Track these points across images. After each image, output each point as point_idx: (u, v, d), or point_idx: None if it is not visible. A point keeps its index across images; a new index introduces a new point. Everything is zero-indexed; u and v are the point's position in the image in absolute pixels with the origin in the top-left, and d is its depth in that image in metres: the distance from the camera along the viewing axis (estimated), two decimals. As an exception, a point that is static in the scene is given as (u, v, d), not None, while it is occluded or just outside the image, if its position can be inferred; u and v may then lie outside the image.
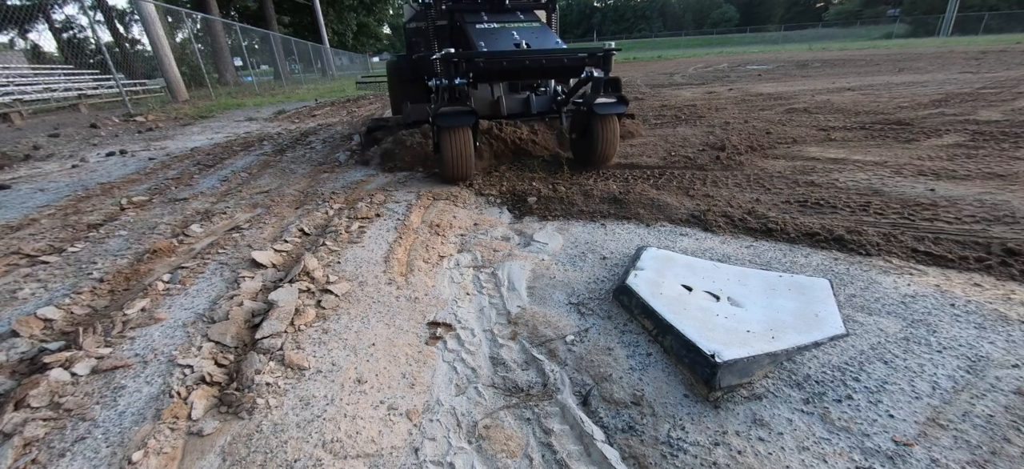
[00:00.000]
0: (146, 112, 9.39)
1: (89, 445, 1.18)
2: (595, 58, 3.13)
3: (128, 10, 23.17)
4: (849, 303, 1.56)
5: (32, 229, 2.84)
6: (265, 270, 2.10)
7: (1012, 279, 1.64)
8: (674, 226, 2.37)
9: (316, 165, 4.27)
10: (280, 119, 8.32)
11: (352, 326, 1.65)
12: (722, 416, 1.15)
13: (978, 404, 1.12)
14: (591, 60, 3.13)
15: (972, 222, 2.10)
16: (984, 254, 1.80)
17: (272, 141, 5.81)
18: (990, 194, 2.44)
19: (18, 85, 11.04)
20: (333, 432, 1.18)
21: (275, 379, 1.37)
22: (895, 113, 4.90)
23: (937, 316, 1.46)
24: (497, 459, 1.09)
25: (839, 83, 7.99)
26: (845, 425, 1.09)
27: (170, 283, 2.04)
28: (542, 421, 1.18)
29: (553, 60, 3.04)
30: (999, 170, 2.81)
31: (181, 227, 2.78)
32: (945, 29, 35.16)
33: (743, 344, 1.31)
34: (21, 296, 1.99)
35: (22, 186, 3.99)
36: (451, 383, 1.35)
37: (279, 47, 19.17)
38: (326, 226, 2.61)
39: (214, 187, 3.70)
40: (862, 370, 1.25)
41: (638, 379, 1.30)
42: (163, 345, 1.58)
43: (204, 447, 1.15)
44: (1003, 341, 1.32)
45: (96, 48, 13.10)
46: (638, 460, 1.06)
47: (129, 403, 1.32)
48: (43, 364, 1.47)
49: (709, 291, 1.62)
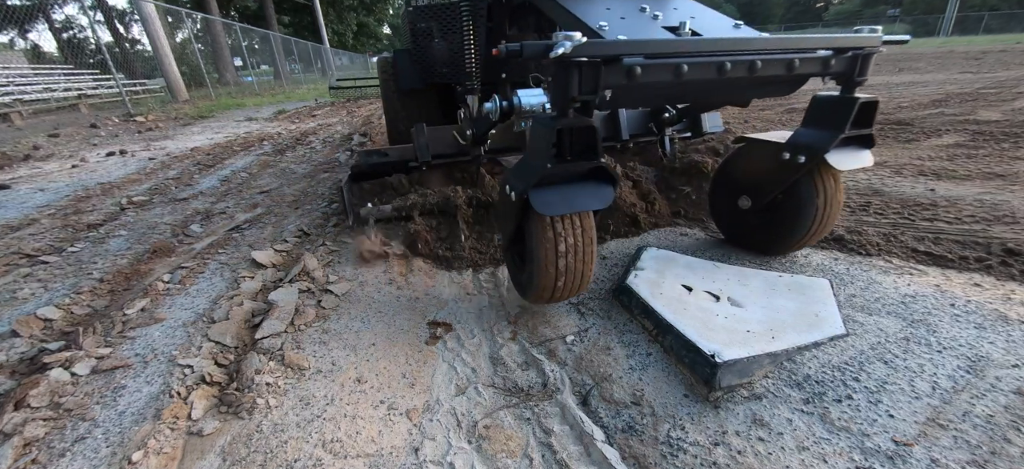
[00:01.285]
0: (146, 112, 9.39)
1: (89, 445, 1.18)
2: (843, 59, 1.49)
3: (128, 10, 23.18)
4: (849, 303, 1.56)
5: (32, 229, 2.84)
6: (265, 270, 2.10)
7: (1012, 279, 1.64)
8: (671, 226, 2.37)
9: (316, 165, 4.27)
10: (280, 119, 8.32)
11: (352, 326, 1.65)
12: (722, 416, 1.15)
13: (978, 404, 1.12)
14: (839, 62, 1.48)
15: (972, 222, 2.10)
16: (984, 254, 1.80)
17: (272, 141, 5.81)
18: (990, 194, 2.44)
19: (18, 85, 11.04)
20: (333, 432, 1.18)
21: (275, 379, 1.37)
22: (895, 113, 4.90)
23: (937, 316, 1.46)
24: (497, 459, 1.09)
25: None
26: (845, 425, 1.09)
27: (170, 283, 2.04)
28: (542, 421, 1.18)
29: (771, 64, 1.38)
30: (999, 170, 2.81)
31: (181, 227, 2.78)
32: (945, 29, 35.16)
33: (743, 344, 1.31)
34: (21, 296, 1.99)
35: (22, 186, 3.99)
36: (451, 383, 1.35)
37: (279, 47, 19.18)
38: (325, 225, 2.61)
39: (214, 187, 3.70)
40: (862, 370, 1.25)
41: (638, 379, 1.30)
42: (163, 345, 1.58)
43: (204, 447, 1.15)
44: (1003, 341, 1.32)
45: (96, 48, 13.11)
46: (638, 460, 1.06)
47: (129, 403, 1.32)
48: (43, 364, 1.47)
49: (709, 291, 1.62)
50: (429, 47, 3.07)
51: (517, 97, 1.50)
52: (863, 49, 1.47)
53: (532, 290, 1.48)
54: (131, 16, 24.38)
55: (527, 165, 1.36)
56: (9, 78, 11.18)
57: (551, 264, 1.36)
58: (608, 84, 1.22)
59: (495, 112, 1.59)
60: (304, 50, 22.44)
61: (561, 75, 1.20)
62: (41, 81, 12.12)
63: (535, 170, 1.28)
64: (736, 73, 1.33)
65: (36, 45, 22.96)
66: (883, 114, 4.87)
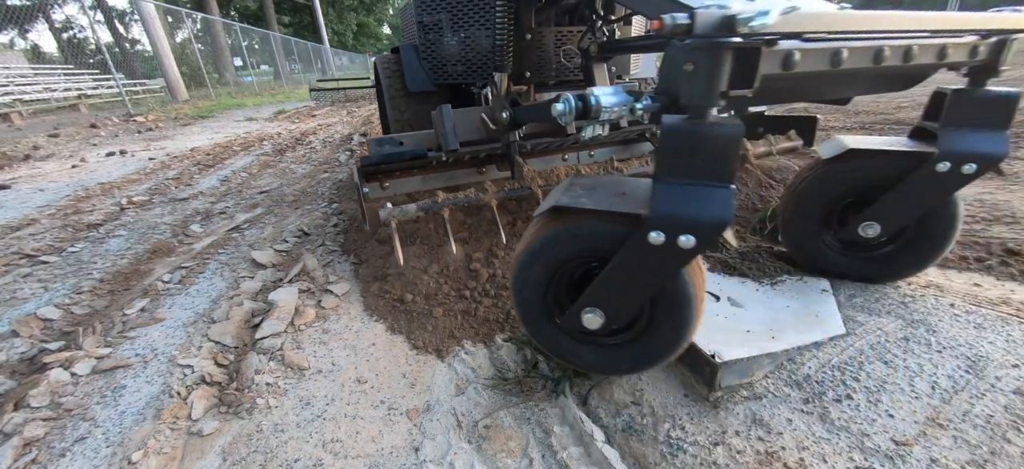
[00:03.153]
0: (146, 112, 9.39)
1: (89, 445, 1.18)
2: (990, 45, 1.24)
3: (128, 10, 23.17)
4: (849, 303, 1.56)
5: (32, 229, 2.84)
6: (265, 270, 2.10)
7: (1012, 279, 1.64)
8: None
9: (316, 165, 4.27)
10: (280, 119, 8.32)
11: (352, 326, 1.65)
12: (722, 416, 1.15)
13: (978, 404, 1.12)
14: (986, 49, 1.23)
15: (972, 222, 2.10)
16: (984, 254, 1.80)
17: (272, 141, 5.81)
18: (990, 194, 2.43)
19: (18, 85, 11.04)
20: (333, 432, 1.18)
21: (275, 379, 1.37)
22: (895, 113, 4.90)
23: (937, 316, 1.46)
24: (497, 459, 1.09)
25: (839, 83, 7.97)
26: (845, 425, 1.09)
27: (170, 283, 2.04)
28: (542, 421, 1.18)
29: (926, 51, 1.11)
30: (999, 170, 2.81)
31: (181, 227, 2.78)
32: (945, 29, 35.09)
33: (743, 344, 1.31)
34: (21, 296, 1.99)
35: (22, 186, 3.99)
36: (451, 383, 1.35)
37: (279, 47, 19.18)
38: (325, 225, 2.61)
39: (214, 187, 3.70)
40: (862, 370, 1.25)
41: (638, 379, 1.30)
42: (163, 345, 1.58)
43: (204, 447, 1.15)
44: (1003, 341, 1.32)
45: (96, 48, 13.11)
46: (638, 460, 1.06)
47: (129, 403, 1.32)
48: (43, 364, 1.47)
49: (709, 291, 1.62)
50: (440, 43, 2.66)
51: (594, 97, 1.14)
52: (1012, 33, 1.20)
53: (673, 351, 1.14)
54: (131, 16, 24.37)
55: (693, 189, 0.94)
56: (9, 78, 11.18)
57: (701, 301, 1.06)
58: (766, 74, 0.90)
59: (568, 114, 1.21)
60: (304, 50, 22.44)
61: (706, 61, 0.85)
62: (41, 81, 12.13)
63: (719, 193, 0.92)
64: (892, 61, 1.05)
65: (36, 45, 22.97)
66: (884, 114, 4.87)
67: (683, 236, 0.93)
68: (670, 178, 0.96)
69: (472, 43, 2.58)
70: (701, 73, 0.87)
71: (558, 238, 1.11)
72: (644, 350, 1.17)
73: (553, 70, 2.36)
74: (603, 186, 1.14)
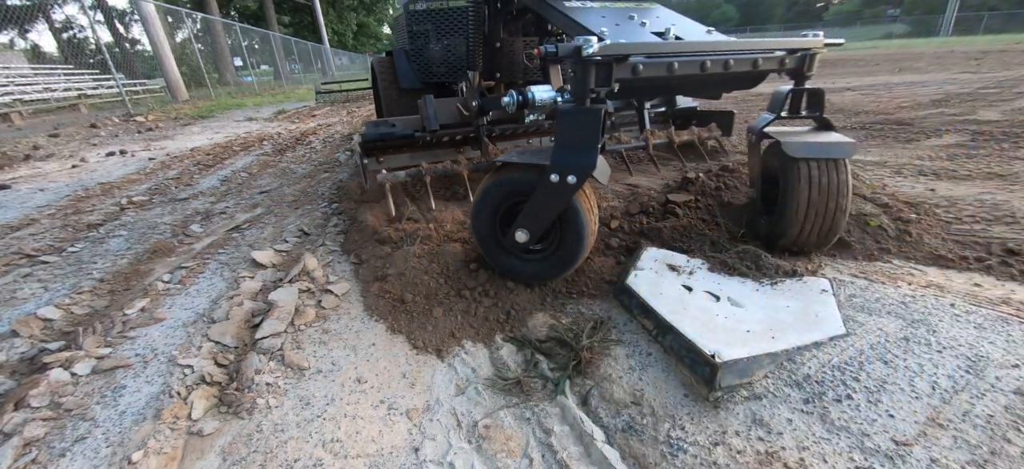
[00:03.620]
0: (146, 112, 9.39)
1: (89, 445, 1.18)
2: (796, 58, 1.76)
3: (128, 10, 23.18)
4: (849, 303, 1.56)
5: (32, 229, 2.84)
6: (265, 270, 2.10)
7: (1012, 279, 1.64)
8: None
9: (316, 165, 4.27)
10: (280, 119, 8.32)
11: (352, 326, 1.65)
12: (722, 416, 1.15)
13: (978, 404, 1.12)
14: (792, 60, 1.76)
15: (972, 222, 2.10)
16: (984, 254, 1.80)
17: (272, 141, 5.81)
18: (990, 194, 2.43)
19: (18, 85, 11.04)
20: (333, 432, 1.18)
21: (275, 379, 1.37)
22: (895, 113, 4.90)
23: (937, 316, 1.46)
24: (497, 459, 1.09)
25: (839, 83, 7.98)
26: (845, 425, 1.09)
27: (170, 283, 2.04)
28: (542, 421, 1.18)
29: (741, 62, 1.68)
30: (999, 170, 2.81)
31: (181, 227, 2.78)
32: (945, 29, 35.14)
33: (743, 344, 1.31)
34: (21, 296, 1.99)
35: (22, 186, 3.99)
36: (451, 383, 1.35)
37: (279, 47, 19.18)
38: (325, 225, 2.61)
39: (214, 187, 3.70)
40: (862, 370, 1.25)
41: (638, 379, 1.30)
42: (163, 345, 1.58)
43: (204, 447, 1.15)
44: (1003, 341, 1.32)
45: (96, 48, 13.10)
46: (638, 460, 1.06)
47: (129, 403, 1.32)
48: (43, 364, 1.47)
49: (709, 291, 1.62)
50: (426, 49, 3.27)
51: (531, 92, 1.71)
52: (810, 50, 1.74)
53: (580, 254, 1.64)
54: (131, 16, 24.38)
55: (574, 147, 1.45)
56: (9, 78, 11.18)
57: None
58: (618, 78, 1.45)
59: (512, 105, 1.76)
60: (304, 50, 22.44)
61: (581, 71, 1.38)
62: (41, 81, 12.13)
63: (589, 148, 1.44)
64: (714, 69, 1.62)
65: (36, 45, 22.97)
66: (884, 114, 4.87)
67: (569, 176, 1.44)
68: (562, 140, 1.47)
69: (453, 49, 3.17)
70: (578, 78, 1.39)
71: (500, 183, 1.64)
72: (562, 257, 1.65)
73: (522, 71, 2.97)
74: (530, 151, 1.76)
